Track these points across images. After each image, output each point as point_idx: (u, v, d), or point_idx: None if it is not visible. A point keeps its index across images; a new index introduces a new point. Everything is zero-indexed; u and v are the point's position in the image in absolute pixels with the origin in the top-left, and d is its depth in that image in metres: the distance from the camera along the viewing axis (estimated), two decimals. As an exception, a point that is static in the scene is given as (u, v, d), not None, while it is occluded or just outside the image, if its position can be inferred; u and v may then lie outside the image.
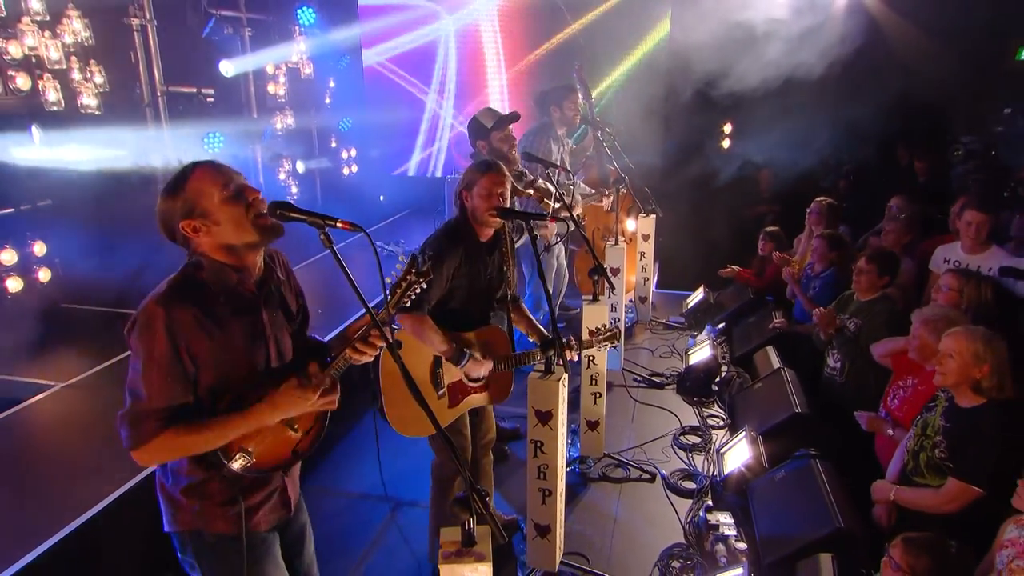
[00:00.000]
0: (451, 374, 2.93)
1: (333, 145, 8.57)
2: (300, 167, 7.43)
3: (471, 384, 3.00)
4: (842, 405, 3.96)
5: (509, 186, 2.99)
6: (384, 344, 1.88)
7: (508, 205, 2.97)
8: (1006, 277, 3.80)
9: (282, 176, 7.15)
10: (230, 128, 6.29)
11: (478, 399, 3.07)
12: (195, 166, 1.80)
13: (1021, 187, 5.75)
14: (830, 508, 3.01)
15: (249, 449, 1.87)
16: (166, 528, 1.96)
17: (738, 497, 3.56)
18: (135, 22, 5.56)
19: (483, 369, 2.93)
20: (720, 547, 3.18)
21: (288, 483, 2.06)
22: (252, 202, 1.80)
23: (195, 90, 6.22)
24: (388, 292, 1.90)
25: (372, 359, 1.97)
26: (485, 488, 3.25)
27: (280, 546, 2.08)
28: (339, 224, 1.74)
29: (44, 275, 4.81)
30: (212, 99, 6.38)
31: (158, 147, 5.77)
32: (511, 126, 4.27)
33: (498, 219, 2.92)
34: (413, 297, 1.88)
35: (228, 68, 6.40)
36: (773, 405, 4.15)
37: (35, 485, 3.26)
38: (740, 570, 2.85)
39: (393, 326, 2.65)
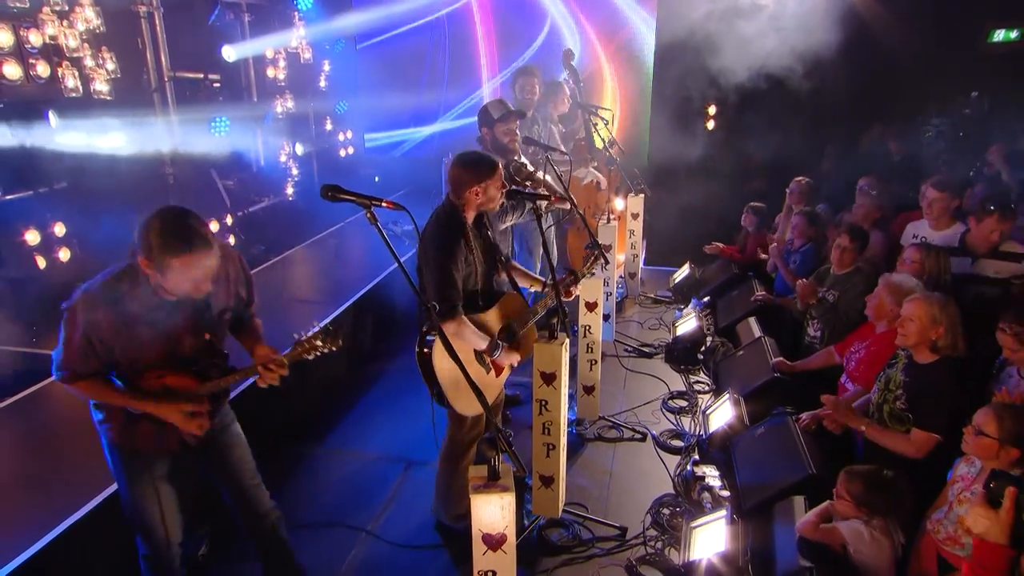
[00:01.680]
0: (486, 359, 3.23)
1: (329, 128, 8.75)
2: (299, 149, 7.62)
3: (501, 364, 3.31)
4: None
5: (503, 180, 3.25)
6: (286, 372, 2.41)
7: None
8: (953, 256, 4.14)
9: (283, 159, 7.36)
10: (234, 113, 6.48)
11: (508, 370, 3.39)
12: (178, 255, 2.15)
13: (987, 166, 6.09)
14: (803, 457, 3.37)
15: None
16: (93, 417, 2.50)
17: (722, 452, 3.91)
18: (143, 9, 5.72)
19: (513, 358, 3.25)
20: (706, 495, 3.53)
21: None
22: (194, 289, 2.25)
23: (201, 76, 6.39)
24: (292, 346, 2.43)
25: (265, 384, 2.45)
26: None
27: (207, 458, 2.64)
28: (384, 204, 2.04)
29: (64, 255, 5.03)
30: (218, 84, 6.56)
31: (167, 131, 5.96)
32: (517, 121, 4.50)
33: (494, 206, 3.22)
34: (321, 353, 2.41)
35: (230, 53, 6.57)
36: (754, 370, 4.51)
37: (73, 451, 3.50)
38: (723, 512, 3.19)
39: (427, 338, 2.98)
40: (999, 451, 2.33)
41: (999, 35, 8.53)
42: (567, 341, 3.19)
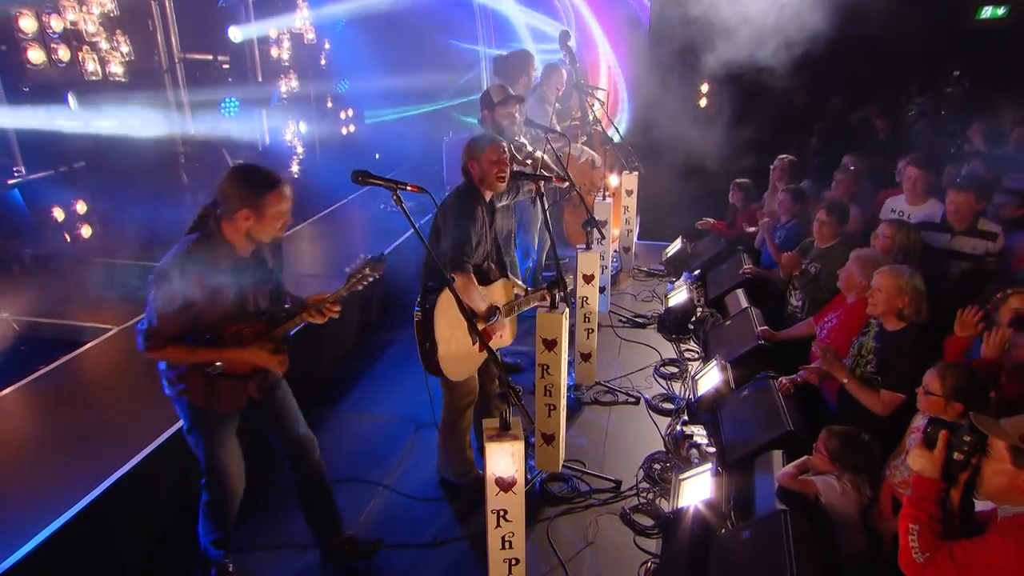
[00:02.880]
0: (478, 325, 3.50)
1: (329, 105, 8.93)
2: (303, 128, 7.82)
3: (491, 333, 3.57)
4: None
5: (508, 154, 3.51)
6: (337, 314, 2.71)
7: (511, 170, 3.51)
8: (924, 231, 4.43)
9: (288, 137, 7.56)
10: (241, 93, 6.68)
11: (496, 342, 3.66)
12: (279, 182, 2.51)
13: (968, 143, 6.35)
14: (783, 416, 3.69)
15: (218, 364, 2.64)
16: (165, 391, 2.76)
17: (709, 413, 4.23)
18: (153, -8, 5.90)
19: (503, 327, 3.55)
20: (694, 451, 3.85)
21: (253, 385, 2.79)
22: (281, 227, 2.58)
23: (211, 57, 6.57)
24: (345, 279, 2.68)
25: (321, 322, 2.79)
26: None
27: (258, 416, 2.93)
28: (409, 187, 2.31)
29: (86, 231, 5.28)
30: (227, 66, 6.74)
31: (178, 111, 6.16)
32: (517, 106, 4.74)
33: (503, 184, 3.46)
34: (369, 281, 2.66)
35: (236, 34, 6.74)
36: (740, 338, 4.82)
37: (108, 415, 3.78)
38: (709, 465, 3.51)
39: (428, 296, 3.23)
40: (945, 407, 2.64)
41: (987, 11, 8.72)
42: (567, 311, 3.48)
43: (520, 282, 3.89)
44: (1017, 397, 2.70)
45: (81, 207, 5.25)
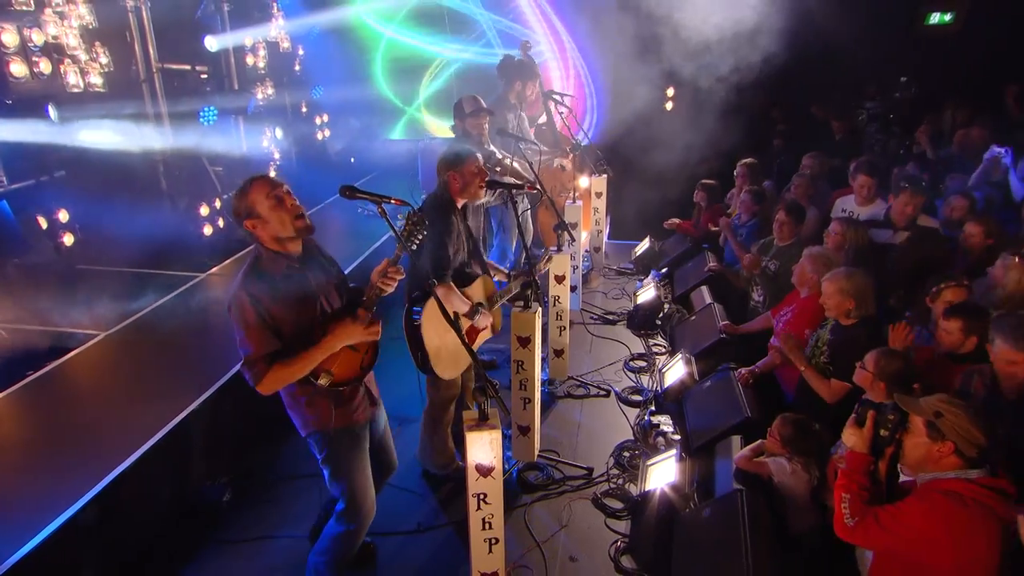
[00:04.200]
0: (464, 323, 3.70)
1: (304, 111, 9.06)
2: (279, 134, 7.95)
3: (478, 328, 3.79)
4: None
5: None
6: (402, 276, 2.71)
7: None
8: (873, 230, 4.76)
9: (265, 144, 7.69)
10: (220, 102, 6.81)
11: (483, 335, 3.88)
12: (253, 179, 2.56)
13: (915, 145, 6.72)
14: (741, 404, 3.97)
15: (330, 370, 2.67)
16: (301, 433, 2.80)
17: (675, 403, 4.50)
18: (130, 3, 5.98)
19: (488, 320, 3.74)
20: (660, 440, 4.11)
21: (369, 386, 2.90)
22: (291, 207, 2.57)
23: (189, 67, 6.68)
24: (400, 240, 2.68)
25: (393, 288, 2.75)
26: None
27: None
28: (393, 201, 2.51)
29: (68, 239, 5.38)
30: (205, 75, 6.86)
31: (157, 120, 6.27)
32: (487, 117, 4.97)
33: (483, 192, 3.68)
34: (420, 237, 2.66)
35: (212, 43, 6.85)
36: (704, 333, 5.10)
37: (94, 425, 3.89)
38: (674, 451, 3.77)
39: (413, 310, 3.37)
40: (872, 383, 2.95)
41: (935, 17, 9.17)
42: (540, 310, 3.72)
43: (499, 266, 4.10)
44: (939, 386, 3.00)
45: (63, 216, 5.35)
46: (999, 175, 5.34)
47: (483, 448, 2.65)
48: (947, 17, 9.01)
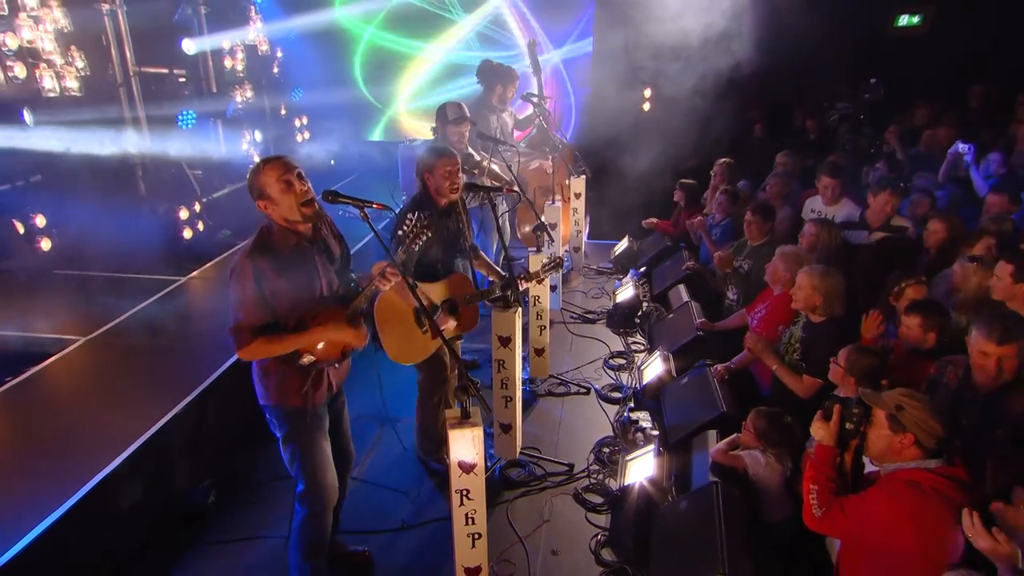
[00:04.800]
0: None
1: (284, 113, 9.05)
2: (259, 137, 7.94)
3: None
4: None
5: (460, 165, 3.80)
6: (400, 278, 2.76)
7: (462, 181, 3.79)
8: (845, 230, 4.90)
9: (244, 147, 7.68)
10: (199, 106, 6.80)
11: (451, 330, 3.93)
12: (267, 161, 2.60)
13: (885, 144, 6.89)
14: (717, 400, 4.07)
15: (313, 351, 2.75)
16: (260, 402, 2.86)
17: (653, 400, 4.60)
18: (105, 7, 5.96)
19: (450, 324, 3.72)
20: (639, 435, 4.19)
21: (333, 373, 2.94)
22: (300, 192, 2.61)
23: (167, 71, 6.66)
24: (396, 243, 2.76)
25: (389, 287, 2.84)
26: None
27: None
28: (375, 205, 2.56)
29: (46, 244, 5.35)
30: (184, 79, 6.84)
31: (135, 124, 6.25)
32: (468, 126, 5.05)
33: (456, 194, 3.75)
34: (423, 239, 2.74)
35: (190, 46, 6.83)
36: (681, 330, 5.20)
37: (83, 422, 3.91)
38: (652, 447, 3.86)
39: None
40: (843, 378, 3.06)
41: (904, 20, 9.38)
42: (520, 310, 3.79)
43: (496, 267, 4.15)
44: (905, 382, 3.12)
45: (40, 220, 5.32)
46: (962, 172, 5.52)
47: (465, 445, 2.71)
48: (915, 19, 9.21)
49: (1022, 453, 2.69)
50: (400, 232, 2.79)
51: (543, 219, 5.21)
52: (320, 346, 2.76)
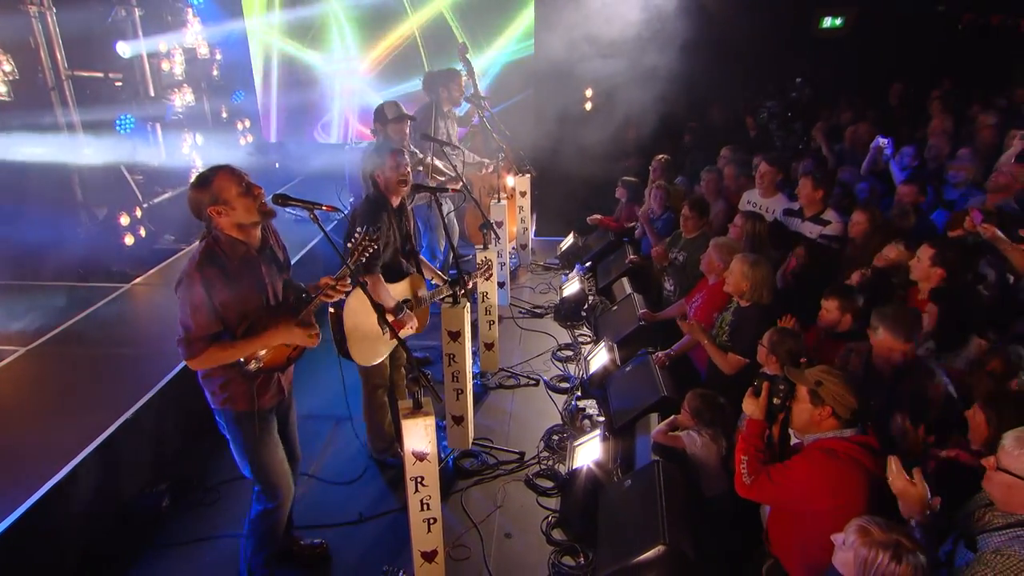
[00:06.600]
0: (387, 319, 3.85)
1: (225, 116, 8.93)
2: (200, 140, 7.83)
3: (401, 324, 3.93)
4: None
5: (408, 162, 3.91)
6: (347, 291, 2.86)
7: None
8: (786, 218, 5.19)
9: (185, 150, 7.56)
10: (137, 110, 6.68)
11: (407, 331, 4.03)
12: (218, 169, 2.64)
13: (812, 141, 7.28)
14: (658, 385, 4.29)
15: (259, 356, 2.81)
16: (211, 405, 2.91)
17: (599, 388, 4.80)
18: (33, 10, 5.80)
19: (412, 319, 3.85)
20: (586, 422, 4.39)
21: (282, 378, 3.02)
22: (257, 195, 2.67)
23: (102, 74, 6.52)
24: (348, 254, 2.85)
25: (336, 299, 2.94)
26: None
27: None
28: (324, 207, 2.65)
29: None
30: (120, 83, 6.70)
31: (69, 129, 6.11)
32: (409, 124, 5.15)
33: (407, 188, 3.85)
34: (368, 256, 2.84)
35: (125, 49, 6.70)
36: (625, 321, 5.42)
37: (32, 430, 3.86)
38: (598, 431, 4.05)
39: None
40: (767, 357, 3.31)
41: (827, 21, 9.88)
42: (468, 305, 3.92)
43: (436, 270, 4.28)
44: (823, 361, 3.37)
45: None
46: (882, 165, 5.89)
47: (418, 434, 2.83)
48: (838, 21, 9.71)
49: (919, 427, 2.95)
50: (349, 245, 2.88)
51: (489, 218, 5.35)
52: (263, 352, 2.82)
